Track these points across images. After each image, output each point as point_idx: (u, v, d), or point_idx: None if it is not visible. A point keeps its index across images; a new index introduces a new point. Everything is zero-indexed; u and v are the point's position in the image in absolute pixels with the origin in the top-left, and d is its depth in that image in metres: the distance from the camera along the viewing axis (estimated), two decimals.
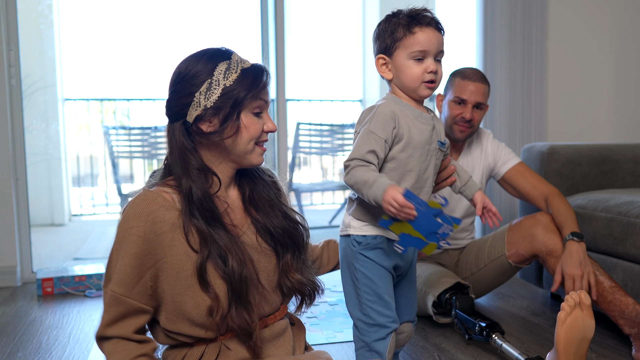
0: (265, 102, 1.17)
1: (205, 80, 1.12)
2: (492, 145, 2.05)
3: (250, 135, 1.15)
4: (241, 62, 1.16)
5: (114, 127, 3.97)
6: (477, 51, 2.90)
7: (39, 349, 1.76)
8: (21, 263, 2.63)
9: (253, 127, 1.15)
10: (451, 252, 2.13)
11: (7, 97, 2.52)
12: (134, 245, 1.09)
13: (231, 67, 1.14)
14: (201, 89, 1.12)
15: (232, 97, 1.12)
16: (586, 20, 3.07)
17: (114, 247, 1.12)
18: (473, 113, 1.92)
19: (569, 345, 1.29)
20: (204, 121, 1.13)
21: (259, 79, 1.15)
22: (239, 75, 1.13)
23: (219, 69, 1.13)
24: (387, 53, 1.26)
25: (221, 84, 1.12)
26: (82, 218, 5.23)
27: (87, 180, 5.78)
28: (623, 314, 1.64)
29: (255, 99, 1.14)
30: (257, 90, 1.14)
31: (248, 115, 1.15)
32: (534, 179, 1.96)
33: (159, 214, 1.09)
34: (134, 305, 1.11)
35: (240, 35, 5.72)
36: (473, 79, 1.92)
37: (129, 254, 1.09)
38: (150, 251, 1.10)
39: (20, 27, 2.60)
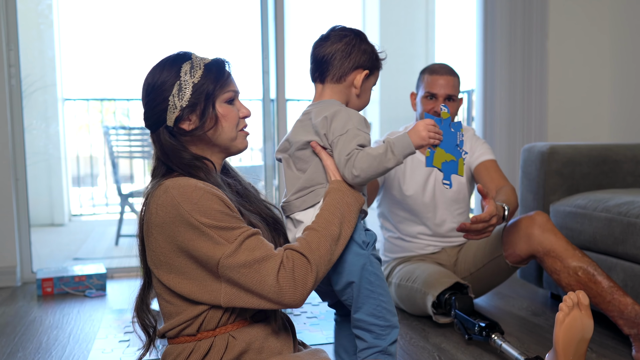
0: (235, 92, 1.22)
1: (175, 83, 1.18)
2: (470, 141, 2.09)
3: (230, 123, 1.21)
4: (202, 59, 1.22)
5: (114, 127, 3.97)
6: (477, 51, 2.90)
7: (38, 349, 1.76)
8: (21, 263, 2.63)
9: (230, 114, 1.21)
10: (449, 250, 2.13)
11: (7, 97, 2.52)
12: (215, 202, 1.10)
13: (194, 65, 1.19)
14: (173, 92, 1.17)
15: (203, 91, 1.18)
16: (586, 21, 3.07)
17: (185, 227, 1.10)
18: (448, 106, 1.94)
19: (568, 345, 1.30)
20: (183, 121, 1.19)
21: (222, 70, 1.21)
22: (204, 71, 1.19)
23: (183, 70, 1.19)
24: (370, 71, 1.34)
25: (190, 83, 1.18)
26: (82, 218, 5.23)
27: (87, 180, 5.78)
28: (622, 314, 1.64)
29: (224, 89, 1.20)
30: (224, 80, 1.20)
31: (222, 104, 1.20)
32: (497, 174, 1.99)
33: (208, 186, 1.13)
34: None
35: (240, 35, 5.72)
36: (441, 72, 1.98)
37: (217, 208, 1.10)
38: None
39: (20, 27, 2.61)
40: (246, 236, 1.09)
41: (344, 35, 1.29)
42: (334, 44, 1.28)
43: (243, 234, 1.09)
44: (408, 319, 1.99)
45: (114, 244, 3.69)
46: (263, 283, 1.07)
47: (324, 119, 1.21)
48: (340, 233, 1.16)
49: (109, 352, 1.73)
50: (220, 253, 1.07)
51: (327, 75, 1.29)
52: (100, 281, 2.47)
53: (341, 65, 1.28)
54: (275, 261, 1.08)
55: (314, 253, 1.11)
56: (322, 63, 1.29)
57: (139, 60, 5.73)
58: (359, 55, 1.29)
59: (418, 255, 2.13)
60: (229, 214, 1.10)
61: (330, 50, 1.28)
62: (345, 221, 1.17)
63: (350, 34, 1.30)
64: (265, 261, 1.07)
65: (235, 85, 1.24)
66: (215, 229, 1.08)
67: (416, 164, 2.09)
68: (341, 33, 1.30)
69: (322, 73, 1.29)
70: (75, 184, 5.39)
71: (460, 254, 2.11)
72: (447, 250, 2.13)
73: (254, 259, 1.07)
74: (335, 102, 1.27)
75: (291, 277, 1.08)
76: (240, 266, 1.07)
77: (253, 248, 1.08)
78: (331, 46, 1.28)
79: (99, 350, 1.74)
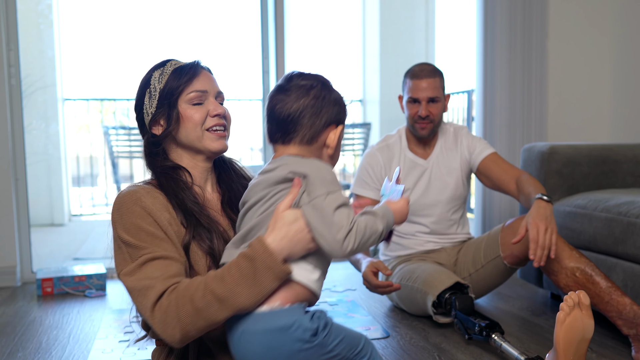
0: (199, 91, 1.20)
1: (146, 92, 1.23)
2: (466, 139, 2.10)
3: (194, 122, 1.20)
4: (175, 64, 1.24)
5: (114, 127, 3.97)
6: (477, 51, 2.90)
7: (38, 349, 1.76)
8: (21, 263, 2.62)
9: (195, 114, 1.20)
10: (449, 250, 2.13)
11: (7, 97, 2.52)
12: (140, 218, 1.11)
13: (164, 71, 1.23)
14: (145, 101, 1.23)
15: (166, 95, 1.20)
16: (586, 21, 3.07)
17: (116, 234, 1.15)
18: (429, 108, 2.00)
19: (569, 345, 1.30)
20: (154, 126, 1.23)
21: (186, 71, 1.21)
22: (170, 75, 1.21)
23: (153, 77, 1.23)
24: None
25: (157, 89, 1.21)
26: (82, 218, 5.23)
27: (87, 180, 5.78)
28: (621, 314, 1.63)
29: (187, 89, 1.20)
30: (187, 80, 1.21)
31: (185, 105, 1.21)
32: (506, 165, 2.02)
33: (148, 197, 1.14)
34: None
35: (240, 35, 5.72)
36: (421, 76, 1.99)
37: (139, 224, 1.11)
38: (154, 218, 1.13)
39: (20, 27, 2.61)
40: (148, 259, 1.07)
41: (310, 87, 1.06)
42: (299, 98, 1.05)
43: (146, 256, 1.07)
44: (408, 319, 1.99)
45: None
46: (143, 311, 1.05)
47: (291, 174, 1.02)
48: (224, 297, 0.98)
49: (108, 352, 1.73)
50: (120, 268, 1.12)
51: (293, 136, 1.05)
52: (100, 281, 2.47)
53: (312, 125, 1.05)
54: (154, 293, 1.03)
55: (183, 304, 1.00)
56: (287, 123, 1.05)
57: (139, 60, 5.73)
58: (331, 109, 1.07)
59: (418, 253, 2.13)
60: (147, 232, 1.10)
61: (297, 107, 1.04)
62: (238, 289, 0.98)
63: (316, 83, 1.07)
64: (146, 290, 1.04)
65: (205, 85, 1.22)
66: (126, 245, 1.11)
67: (409, 165, 2.10)
68: (306, 83, 1.06)
69: (286, 134, 1.06)
70: (75, 184, 5.39)
71: (460, 254, 2.11)
72: (447, 249, 2.13)
73: (136, 286, 1.06)
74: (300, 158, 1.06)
75: (162, 316, 1.01)
76: (129, 289, 1.08)
77: (146, 275, 1.06)
78: (297, 102, 1.04)
79: (99, 350, 1.74)
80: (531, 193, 1.80)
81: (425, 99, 2.00)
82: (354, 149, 4.34)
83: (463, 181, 2.12)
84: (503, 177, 1.99)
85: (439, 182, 2.09)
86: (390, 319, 2.01)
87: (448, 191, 2.10)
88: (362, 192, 2.12)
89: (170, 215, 1.14)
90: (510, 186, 1.96)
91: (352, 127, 4.26)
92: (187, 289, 1.01)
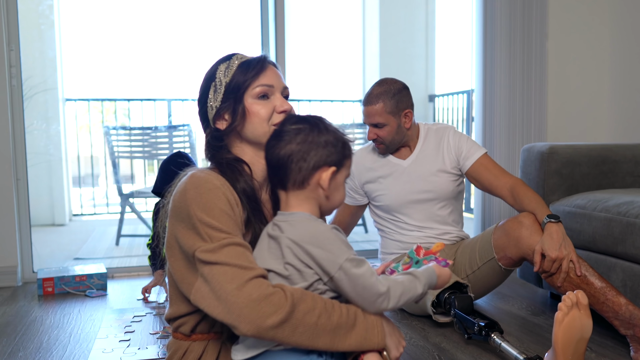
0: (266, 85, 1.19)
1: (211, 86, 1.21)
2: (453, 139, 2.11)
3: (260, 118, 1.18)
4: (241, 58, 1.22)
5: (115, 127, 3.97)
6: (477, 51, 2.90)
7: (39, 349, 1.77)
8: (22, 263, 2.63)
9: (261, 110, 1.18)
10: (446, 249, 2.13)
11: (8, 98, 2.52)
12: (219, 199, 1.08)
13: (230, 65, 1.21)
14: (209, 95, 1.21)
15: (232, 89, 1.19)
16: (586, 20, 3.07)
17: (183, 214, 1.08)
18: (376, 132, 2.08)
19: (567, 345, 1.30)
20: (219, 121, 1.21)
21: (253, 65, 1.20)
22: (237, 69, 1.20)
23: (219, 71, 1.21)
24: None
25: (223, 83, 1.20)
26: (83, 218, 5.23)
27: (88, 181, 5.79)
28: (617, 314, 1.63)
29: (253, 84, 1.19)
30: (254, 75, 1.19)
31: (252, 100, 1.19)
32: (497, 170, 2.01)
33: (225, 187, 1.11)
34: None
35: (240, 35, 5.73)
36: (365, 102, 2.08)
37: (219, 206, 1.07)
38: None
39: (21, 27, 2.61)
40: (231, 242, 1.04)
41: (298, 131, 1.10)
42: (287, 143, 1.09)
43: (229, 239, 1.04)
44: (408, 319, 2.00)
45: (115, 244, 3.69)
46: (226, 285, 0.99)
47: (299, 249, 1.04)
48: (338, 326, 1.02)
49: (109, 351, 1.74)
50: (198, 245, 1.04)
51: (286, 182, 1.10)
52: (101, 281, 2.47)
53: (300, 169, 1.09)
54: (249, 273, 1.00)
55: (298, 305, 0.99)
56: (279, 168, 1.10)
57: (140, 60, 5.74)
58: (319, 152, 1.09)
59: None
60: (228, 215, 1.07)
61: (285, 152, 1.09)
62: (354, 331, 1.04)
63: (305, 126, 1.11)
64: (239, 268, 1.01)
65: (272, 80, 1.20)
66: (205, 226, 1.05)
67: (388, 165, 2.15)
68: (295, 128, 1.11)
69: (281, 179, 1.11)
70: (76, 184, 5.39)
71: (457, 254, 2.11)
72: (445, 249, 2.13)
73: (228, 262, 1.01)
74: (304, 217, 1.09)
75: (256, 298, 0.97)
76: (213, 263, 1.02)
77: (233, 255, 1.02)
78: (285, 147, 1.09)
79: (100, 350, 1.75)
80: (536, 213, 1.82)
81: (369, 124, 2.09)
82: (353, 149, 4.35)
83: (449, 180, 2.10)
84: (495, 183, 1.99)
85: (420, 181, 2.10)
86: (390, 319, 2.01)
87: (430, 189, 2.09)
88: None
89: (235, 200, 1.12)
90: (502, 193, 1.96)
91: (352, 127, 4.26)
92: (295, 294, 1.00)
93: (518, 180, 1.95)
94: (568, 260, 1.69)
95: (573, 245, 1.77)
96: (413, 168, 2.11)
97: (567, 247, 1.71)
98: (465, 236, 2.20)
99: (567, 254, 1.70)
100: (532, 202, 1.85)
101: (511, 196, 1.93)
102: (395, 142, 2.10)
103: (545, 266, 1.72)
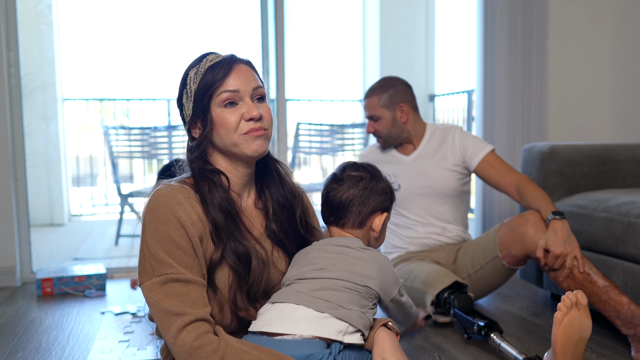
0: (231, 91, 1.12)
1: (184, 93, 1.16)
2: (459, 138, 2.13)
3: (227, 128, 1.12)
4: (211, 61, 1.14)
5: (114, 127, 3.96)
6: (477, 51, 2.90)
7: (38, 349, 1.76)
8: (21, 263, 2.62)
9: (227, 119, 1.12)
10: (447, 249, 2.13)
11: (7, 97, 2.52)
12: (173, 228, 1.06)
13: (199, 70, 1.14)
14: (183, 101, 1.16)
15: (201, 97, 1.13)
16: (586, 20, 3.07)
17: (145, 237, 1.09)
18: (373, 125, 2.13)
19: (566, 345, 1.29)
20: (193, 129, 1.17)
21: (218, 69, 1.12)
22: (203, 75, 1.13)
23: (189, 77, 1.15)
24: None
25: (192, 90, 1.14)
26: (82, 218, 5.23)
27: (87, 180, 5.78)
28: (619, 314, 1.63)
29: (217, 90, 1.12)
30: (220, 79, 1.12)
31: (217, 109, 1.13)
32: (503, 168, 2.03)
33: (185, 203, 1.09)
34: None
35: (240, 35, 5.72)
36: (364, 96, 2.15)
37: (171, 235, 1.06)
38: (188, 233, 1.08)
39: (20, 27, 2.60)
40: (171, 279, 1.04)
41: (360, 178, 1.25)
42: (350, 189, 1.24)
43: (169, 275, 1.04)
44: None
45: (114, 244, 3.69)
46: (164, 332, 1.03)
47: (366, 279, 1.17)
48: None
49: (108, 352, 1.73)
50: (142, 279, 1.07)
51: (345, 221, 1.25)
52: (100, 281, 2.47)
53: (359, 212, 1.24)
54: (182, 320, 1.01)
55: (230, 353, 1.00)
56: (339, 209, 1.25)
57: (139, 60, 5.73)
58: (377, 198, 1.25)
59: (416, 251, 2.14)
60: (178, 246, 1.05)
61: (347, 196, 1.24)
62: None
63: (365, 175, 1.26)
64: (172, 315, 1.02)
65: (238, 83, 1.12)
66: (152, 257, 1.05)
67: (393, 160, 2.18)
68: (356, 175, 1.26)
69: (338, 219, 1.26)
70: (75, 184, 5.39)
71: (459, 253, 2.11)
72: (445, 248, 2.13)
73: (163, 306, 1.03)
74: (367, 249, 1.24)
75: (188, 349, 1.00)
76: (151, 303, 1.04)
77: (171, 294, 1.03)
78: (347, 192, 1.24)
79: (99, 351, 1.74)
80: (541, 210, 1.82)
81: (368, 117, 2.14)
82: (354, 149, 4.34)
83: (452, 177, 2.11)
84: (501, 181, 2.01)
85: (421, 176, 2.12)
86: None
87: (430, 184, 2.11)
88: None
89: (204, 227, 1.09)
90: (509, 190, 1.98)
91: (352, 127, 4.26)
92: (228, 343, 1.02)
93: (524, 177, 1.96)
94: (572, 257, 1.70)
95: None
96: (415, 163, 2.14)
97: (571, 243, 1.71)
98: (467, 238, 2.20)
99: (571, 250, 1.70)
100: (538, 199, 1.85)
101: (517, 193, 1.95)
102: (392, 136, 2.13)
103: (549, 262, 1.72)
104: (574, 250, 1.70)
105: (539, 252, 1.74)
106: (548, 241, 1.72)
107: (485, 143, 2.10)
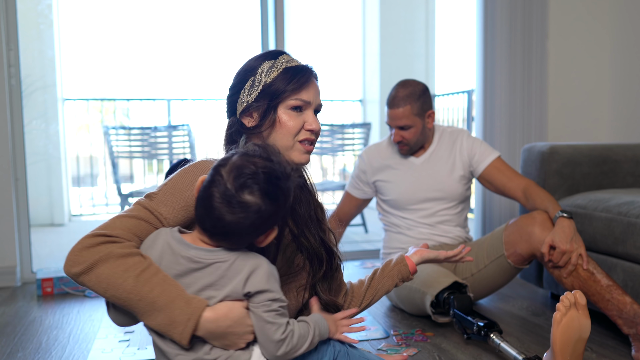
0: (304, 101, 1.19)
1: (249, 79, 1.20)
2: (467, 142, 2.14)
3: (287, 130, 1.18)
4: (288, 62, 1.21)
5: (114, 127, 3.96)
6: (477, 51, 2.90)
7: (38, 349, 1.76)
8: (21, 263, 2.63)
9: (290, 122, 1.18)
10: (447, 249, 2.13)
11: (7, 97, 2.52)
12: (187, 185, 1.09)
13: (275, 65, 1.19)
14: (245, 86, 1.20)
15: (270, 93, 1.18)
16: (586, 20, 3.07)
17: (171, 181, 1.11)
18: (401, 134, 2.07)
19: (565, 345, 1.30)
20: (246, 116, 1.21)
21: (297, 77, 1.19)
22: (280, 73, 1.18)
23: (262, 67, 1.19)
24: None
25: (262, 81, 1.18)
26: (82, 218, 5.23)
27: (87, 180, 5.79)
28: (621, 313, 1.64)
29: (292, 95, 1.18)
30: (296, 87, 1.18)
31: (285, 110, 1.19)
32: (510, 172, 2.05)
33: None
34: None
35: (240, 35, 5.73)
36: (392, 105, 2.06)
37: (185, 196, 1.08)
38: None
39: (20, 27, 2.61)
40: (139, 209, 1.06)
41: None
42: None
43: (144, 208, 1.06)
44: (408, 319, 1.99)
45: None
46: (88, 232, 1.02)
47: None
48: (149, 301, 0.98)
49: (108, 352, 1.73)
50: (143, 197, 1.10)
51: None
52: None
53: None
54: (102, 231, 1.00)
55: (106, 262, 0.98)
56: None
57: (139, 60, 5.73)
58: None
59: None
60: (172, 201, 1.08)
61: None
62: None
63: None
64: (103, 229, 1.02)
65: (311, 96, 1.20)
66: (160, 190, 1.09)
67: (400, 162, 2.16)
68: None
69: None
70: (75, 184, 5.39)
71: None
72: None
73: (114, 221, 1.04)
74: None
75: (78, 247, 0.99)
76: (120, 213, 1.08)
77: (125, 216, 1.05)
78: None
79: (99, 350, 1.74)
80: (548, 209, 1.84)
81: (396, 127, 2.07)
82: (354, 149, 4.34)
83: (459, 182, 2.12)
84: (508, 185, 2.02)
85: (430, 180, 2.12)
86: (390, 319, 2.01)
87: (439, 188, 2.11)
88: (352, 191, 2.27)
89: None
90: (515, 194, 2.00)
91: (352, 127, 4.26)
92: (125, 258, 0.98)
93: (531, 182, 1.98)
94: (577, 254, 1.71)
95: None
96: (424, 167, 2.14)
97: (577, 241, 1.73)
98: (469, 238, 2.20)
99: (577, 248, 1.72)
100: (545, 200, 1.88)
101: (524, 196, 1.96)
102: (418, 143, 2.12)
103: (555, 258, 1.73)
104: (580, 248, 1.72)
105: (544, 248, 1.75)
106: (555, 237, 1.73)
107: (492, 149, 2.12)
